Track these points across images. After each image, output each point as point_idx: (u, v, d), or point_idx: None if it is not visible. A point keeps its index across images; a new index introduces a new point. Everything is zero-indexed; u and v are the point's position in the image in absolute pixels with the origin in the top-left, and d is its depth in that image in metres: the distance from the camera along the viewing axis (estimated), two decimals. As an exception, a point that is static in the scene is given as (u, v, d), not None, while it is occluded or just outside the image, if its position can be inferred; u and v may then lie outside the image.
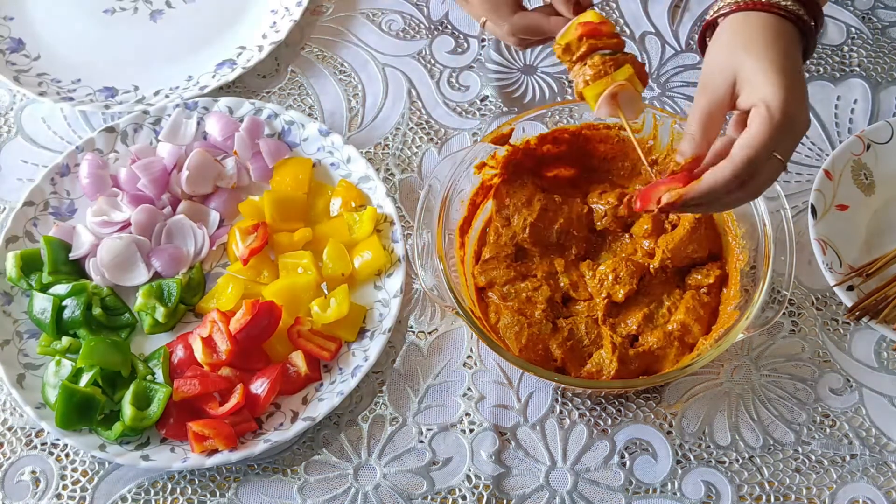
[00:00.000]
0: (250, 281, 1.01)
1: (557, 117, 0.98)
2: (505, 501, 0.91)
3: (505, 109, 1.13)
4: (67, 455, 0.95)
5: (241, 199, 1.07)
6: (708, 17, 0.81)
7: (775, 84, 0.72)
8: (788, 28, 0.77)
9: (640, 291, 0.95)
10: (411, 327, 1.00)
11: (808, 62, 0.80)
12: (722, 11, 0.79)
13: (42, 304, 0.97)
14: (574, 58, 0.82)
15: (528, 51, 1.17)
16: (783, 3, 0.77)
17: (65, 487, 0.93)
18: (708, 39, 0.81)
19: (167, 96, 1.14)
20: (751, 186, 0.75)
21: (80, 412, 0.91)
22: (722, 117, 0.77)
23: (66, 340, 0.96)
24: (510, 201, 0.99)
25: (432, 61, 1.17)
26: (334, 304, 0.97)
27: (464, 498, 0.92)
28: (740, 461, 0.93)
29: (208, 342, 0.95)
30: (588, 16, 0.82)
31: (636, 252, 0.97)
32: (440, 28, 1.20)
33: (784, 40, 0.76)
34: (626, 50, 0.83)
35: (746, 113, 0.74)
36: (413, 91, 1.15)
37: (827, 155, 1.07)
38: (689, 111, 0.78)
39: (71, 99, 1.14)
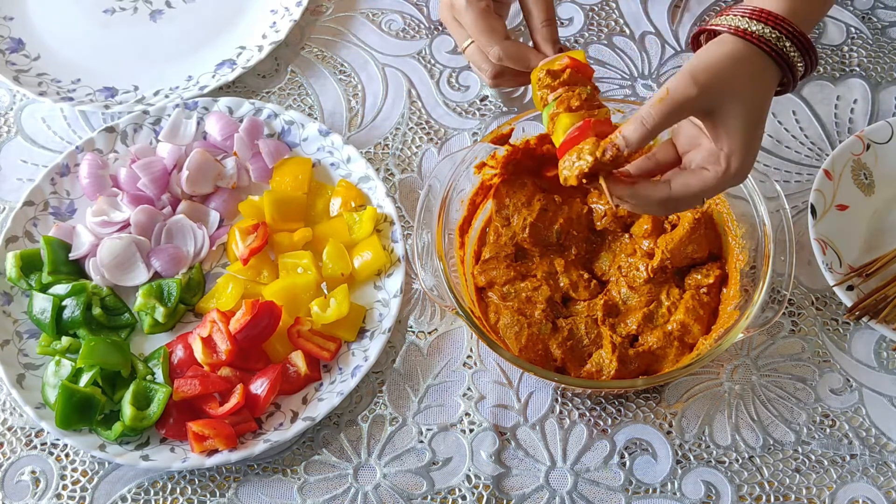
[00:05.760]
0: (250, 281, 1.01)
1: (557, 117, 0.98)
2: (505, 501, 0.91)
3: (505, 109, 1.13)
4: (67, 455, 0.95)
5: (241, 199, 1.07)
6: (710, 25, 0.80)
7: (744, 147, 0.76)
8: (776, 77, 0.78)
9: (639, 291, 0.95)
10: (411, 327, 1.00)
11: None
12: (726, 28, 0.77)
13: (42, 304, 0.97)
14: (556, 82, 0.82)
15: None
16: (788, 52, 0.77)
17: (65, 487, 0.93)
18: (702, 42, 0.81)
19: (167, 96, 1.14)
20: (668, 210, 0.81)
21: (80, 412, 0.91)
22: (682, 119, 0.76)
23: (65, 340, 0.96)
24: (510, 201, 0.99)
25: (432, 61, 1.17)
26: (334, 304, 0.97)
27: (464, 498, 0.92)
28: (740, 461, 0.93)
29: (208, 342, 0.95)
30: (577, 53, 0.83)
31: (636, 252, 0.97)
32: (440, 28, 1.20)
33: (768, 92, 0.78)
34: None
35: (698, 131, 0.78)
36: (413, 91, 1.15)
37: (827, 155, 1.07)
38: (657, 99, 0.74)
39: (71, 99, 1.14)
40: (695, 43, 0.84)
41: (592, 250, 1.01)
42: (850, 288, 0.97)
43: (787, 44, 0.76)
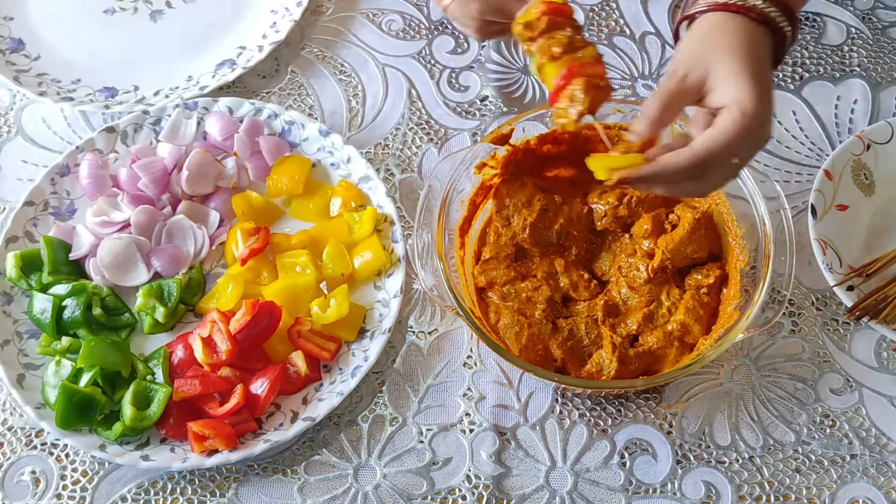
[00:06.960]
0: (250, 281, 1.01)
1: (557, 117, 0.98)
2: (505, 501, 0.91)
3: (505, 109, 1.13)
4: (67, 455, 0.95)
5: (241, 199, 1.07)
6: (686, 12, 0.81)
7: (750, 90, 0.73)
8: (763, 35, 0.78)
9: (639, 292, 0.95)
10: (411, 327, 1.00)
11: (777, 70, 0.81)
12: (700, 9, 0.79)
13: (42, 305, 0.97)
14: (535, 33, 0.82)
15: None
16: (762, 9, 0.77)
17: (65, 487, 0.93)
18: (683, 33, 0.82)
19: (167, 96, 1.14)
20: (702, 183, 0.77)
21: (80, 412, 0.91)
22: (682, 106, 0.77)
23: (66, 340, 0.96)
24: (510, 201, 0.99)
25: (432, 61, 1.17)
26: (334, 304, 0.97)
27: (464, 498, 0.92)
28: (740, 461, 0.93)
29: (208, 342, 0.95)
30: None
31: (636, 252, 0.97)
32: (440, 28, 1.20)
33: (758, 47, 0.77)
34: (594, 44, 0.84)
35: (712, 114, 0.75)
36: (413, 91, 1.15)
37: (827, 155, 1.07)
38: (652, 93, 0.77)
39: (71, 99, 1.14)
40: (676, 36, 0.85)
41: (592, 250, 1.01)
42: (850, 288, 0.97)
43: (768, 8, 0.77)
